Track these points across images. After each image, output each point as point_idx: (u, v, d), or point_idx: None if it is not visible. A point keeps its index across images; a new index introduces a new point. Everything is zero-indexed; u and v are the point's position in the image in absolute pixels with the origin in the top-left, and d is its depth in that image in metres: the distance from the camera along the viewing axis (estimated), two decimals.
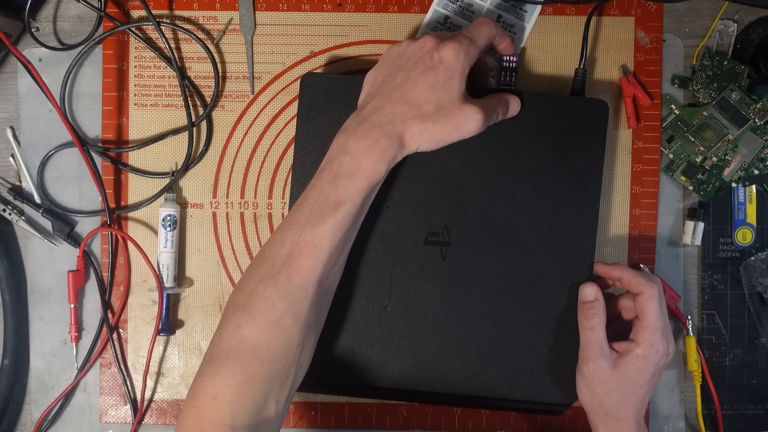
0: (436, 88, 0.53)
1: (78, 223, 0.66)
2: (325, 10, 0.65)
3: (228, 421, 0.49)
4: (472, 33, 0.55)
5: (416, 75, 0.53)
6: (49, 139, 0.65)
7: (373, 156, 0.52)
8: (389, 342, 0.59)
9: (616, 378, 0.55)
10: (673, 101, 0.65)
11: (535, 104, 0.59)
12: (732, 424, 0.66)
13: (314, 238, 0.51)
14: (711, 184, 0.65)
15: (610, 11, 0.65)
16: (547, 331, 0.59)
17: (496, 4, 0.64)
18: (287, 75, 0.66)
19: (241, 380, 0.49)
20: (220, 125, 0.66)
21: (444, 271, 0.59)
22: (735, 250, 0.66)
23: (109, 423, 0.66)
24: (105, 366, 0.66)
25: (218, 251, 0.66)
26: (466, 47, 0.54)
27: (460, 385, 0.59)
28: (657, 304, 0.56)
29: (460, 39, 0.54)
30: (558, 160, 0.59)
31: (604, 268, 0.59)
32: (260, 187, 0.66)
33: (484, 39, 0.56)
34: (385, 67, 0.56)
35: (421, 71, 0.53)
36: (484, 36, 0.56)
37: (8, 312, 0.64)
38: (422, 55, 0.54)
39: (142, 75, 0.66)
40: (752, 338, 0.66)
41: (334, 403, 0.66)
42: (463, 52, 0.53)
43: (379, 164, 0.52)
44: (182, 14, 0.65)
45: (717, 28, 0.66)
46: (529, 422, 0.66)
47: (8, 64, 0.66)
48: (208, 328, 0.66)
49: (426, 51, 0.54)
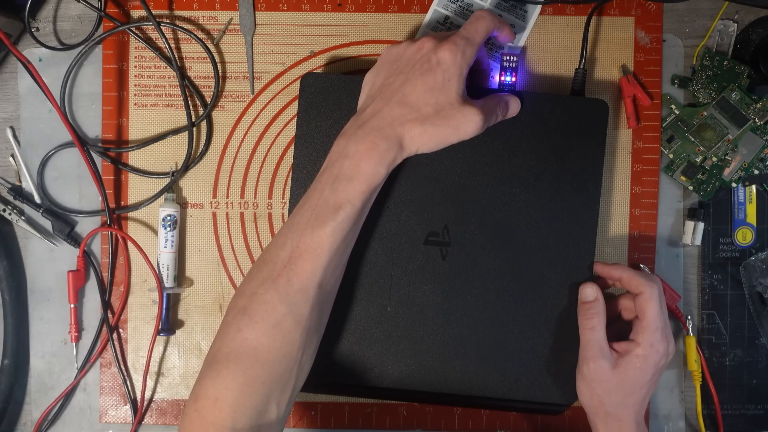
0: (434, 90, 0.53)
1: (78, 223, 0.66)
2: (325, 10, 0.65)
3: (229, 424, 0.49)
4: (468, 31, 0.55)
5: (415, 77, 0.53)
6: (49, 139, 0.65)
7: (373, 159, 0.52)
8: (389, 342, 0.59)
9: (616, 378, 0.55)
10: (673, 101, 0.65)
11: (535, 104, 0.59)
12: (732, 424, 0.66)
13: (314, 241, 0.51)
14: (711, 184, 0.65)
15: (610, 11, 0.65)
16: (547, 331, 0.59)
17: (496, 4, 0.64)
18: (287, 75, 0.66)
19: (242, 383, 0.49)
20: (220, 125, 0.66)
21: (444, 271, 0.59)
22: (735, 250, 0.66)
23: (109, 423, 0.66)
24: (105, 366, 0.66)
25: (218, 251, 0.66)
26: (462, 48, 0.54)
27: (460, 385, 0.59)
28: (657, 304, 0.56)
29: (456, 40, 0.54)
30: (558, 160, 0.59)
31: (604, 268, 0.59)
32: (260, 187, 0.66)
33: (481, 35, 0.56)
34: (384, 69, 0.56)
35: (419, 74, 0.53)
36: (481, 32, 0.56)
37: (8, 312, 0.64)
38: (420, 57, 0.54)
39: (142, 75, 0.66)
40: (752, 338, 0.66)
41: (334, 403, 0.66)
42: (460, 53, 0.53)
43: (379, 167, 0.52)
44: (182, 14, 0.65)
45: (717, 28, 0.66)
46: (529, 422, 0.66)
47: (8, 64, 0.66)
48: (208, 328, 0.66)
49: (424, 53, 0.54)
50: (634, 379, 0.55)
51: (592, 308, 0.57)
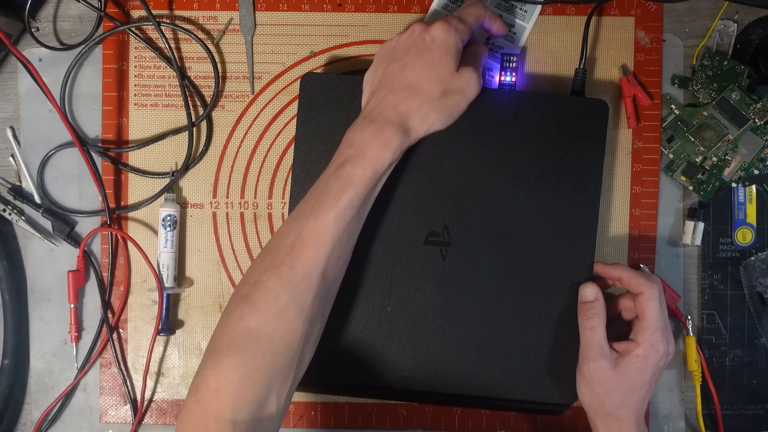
0: (433, 65, 0.54)
1: (78, 223, 0.66)
2: (325, 10, 0.65)
3: (230, 416, 0.48)
4: (460, 13, 0.57)
5: (412, 59, 0.54)
6: (49, 139, 0.65)
7: (377, 144, 0.52)
8: (389, 342, 0.59)
9: (617, 378, 0.55)
10: (673, 101, 0.65)
11: (535, 104, 0.59)
12: (732, 424, 0.66)
13: (317, 227, 0.51)
14: (711, 184, 0.65)
15: (610, 11, 0.65)
16: (547, 331, 0.59)
17: (496, 4, 0.64)
18: (287, 75, 0.66)
19: (243, 373, 0.49)
20: (220, 125, 0.66)
21: (444, 271, 0.59)
22: (735, 250, 0.66)
23: (109, 423, 0.66)
24: (105, 366, 0.66)
25: (218, 251, 0.66)
26: (455, 24, 0.55)
27: (460, 385, 0.59)
28: (657, 304, 0.56)
29: (448, 19, 0.56)
30: (558, 160, 0.59)
31: (604, 268, 0.59)
32: (260, 187, 0.66)
33: (472, 18, 0.57)
34: (382, 63, 0.56)
35: (416, 55, 0.54)
36: (472, 15, 0.57)
37: (8, 312, 0.64)
38: (414, 40, 0.55)
39: (142, 75, 0.66)
40: (752, 338, 0.66)
41: (334, 403, 0.66)
42: (453, 29, 0.55)
43: (384, 152, 0.52)
44: (182, 14, 0.65)
45: (717, 28, 0.66)
46: (529, 422, 0.66)
47: (8, 64, 0.66)
48: (208, 328, 0.66)
49: (417, 35, 0.55)
50: (635, 379, 0.55)
51: (592, 308, 0.57)
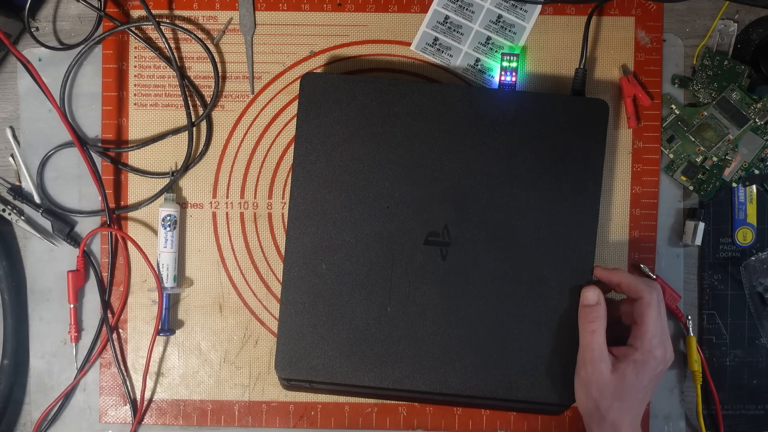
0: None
1: (78, 223, 0.66)
2: (325, 10, 0.65)
3: None
4: None
5: None
6: (48, 139, 0.65)
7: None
8: (389, 342, 0.59)
9: (614, 382, 0.55)
10: (673, 101, 0.65)
11: (535, 104, 0.59)
12: (732, 425, 0.66)
13: None
14: (711, 184, 0.65)
15: (610, 11, 0.65)
16: (547, 331, 0.59)
17: (496, 4, 0.64)
18: (287, 75, 0.66)
19: None
20: (220, 125, 0.66)
21: (444, 271, 0.59)
22: (735, 250, 0.66)
23: (109, 423, 0.66)
24: (105, 366, 0.66)
25: (218, 251, 0.66)
26: None
27: (460, 385, 0.59)
28: (655, 310, 0.56)
29: None
30: (558, 160, 0.59)
31: (603, 273, 0.59)
32: (260, 187, 0.66)
33: None
34: None
35: None
36: None
37: (8, 312, 0.64)
38: None
39: (142, 75, 0.66)
40: (752, 338, 0.66)
41: (334, 403, 0.66)
42: None
43: None
44: (182, 14, 0.65)
45: (717, 28, 0.66)
46: (529, 422, 0.66)
47: (8, 64, 0.66)
48: (208, 328, 0.66)
49: None
50: (631, 384, 0.55)
51: (593, 312, 0.57)
